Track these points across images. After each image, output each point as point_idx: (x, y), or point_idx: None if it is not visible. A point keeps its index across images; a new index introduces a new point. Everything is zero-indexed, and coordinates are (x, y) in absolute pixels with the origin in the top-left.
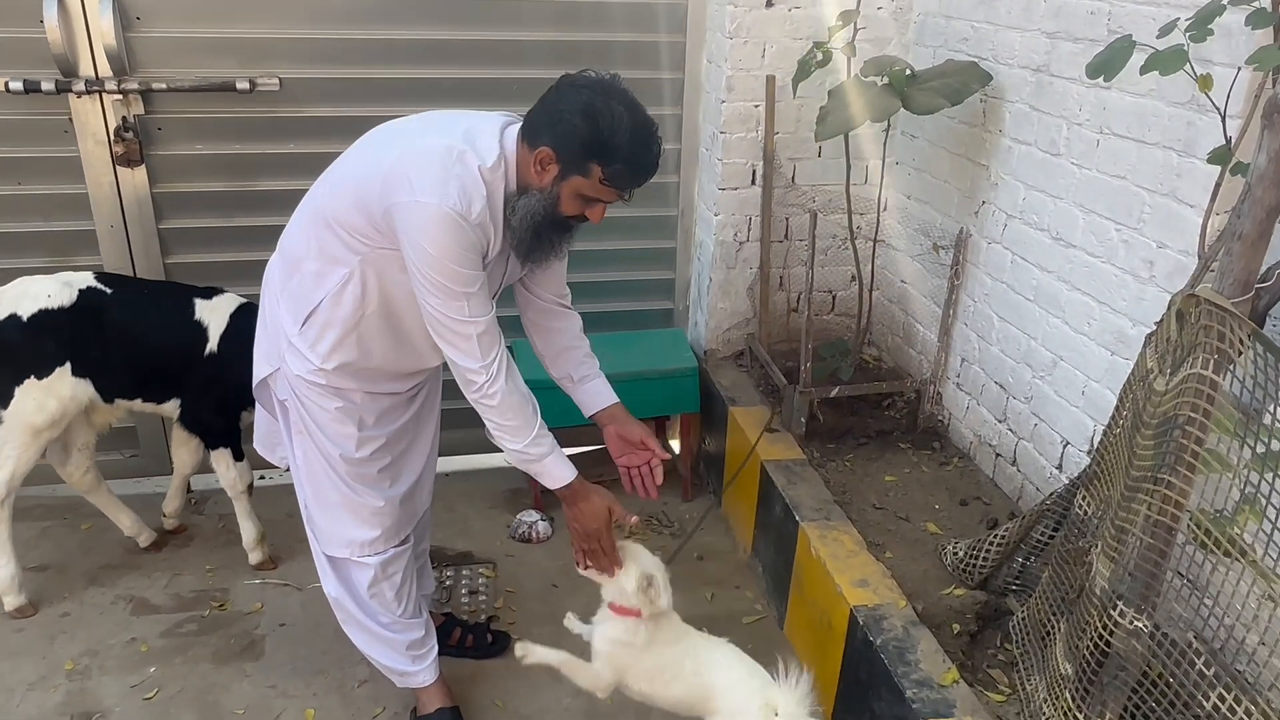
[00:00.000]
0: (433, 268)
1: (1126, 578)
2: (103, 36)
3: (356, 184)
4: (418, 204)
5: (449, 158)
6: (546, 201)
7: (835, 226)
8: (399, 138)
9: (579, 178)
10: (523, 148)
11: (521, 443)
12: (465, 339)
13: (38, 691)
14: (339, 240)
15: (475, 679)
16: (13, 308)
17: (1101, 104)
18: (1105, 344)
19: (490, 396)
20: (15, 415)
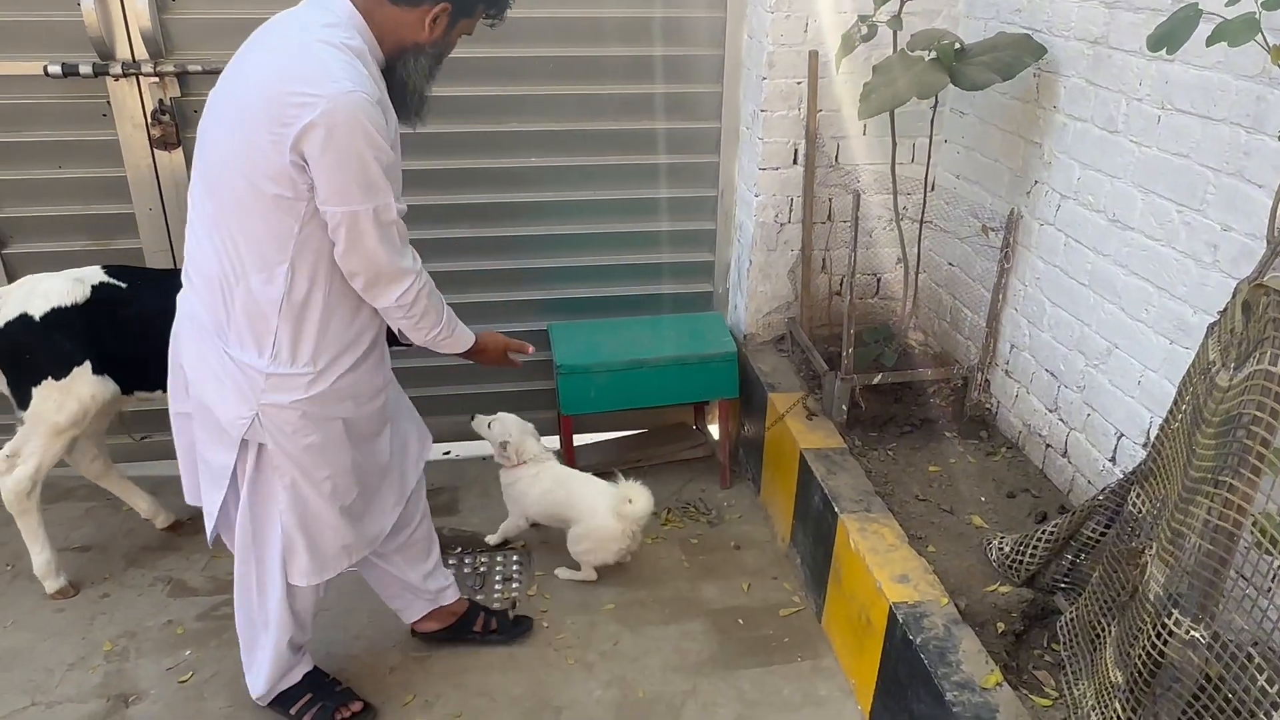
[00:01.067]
0: (356, 162)
1: (1183, 584)
2: (138, 19)
3: (237, 153)
4: (318, 105)
5: (314, 48)
6: (439, 53)
7: (880, 207)
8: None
9: (466, 19)
10: (393, 10)
11: (439, 325)
12: (393, 238)
13: (77, 672)
14: (266, 229)
15: (506, 668)
16: (22, 307)
17: (1164, 77)
18: (1164, 332)
19: (421, 290)
20: (36, 416)
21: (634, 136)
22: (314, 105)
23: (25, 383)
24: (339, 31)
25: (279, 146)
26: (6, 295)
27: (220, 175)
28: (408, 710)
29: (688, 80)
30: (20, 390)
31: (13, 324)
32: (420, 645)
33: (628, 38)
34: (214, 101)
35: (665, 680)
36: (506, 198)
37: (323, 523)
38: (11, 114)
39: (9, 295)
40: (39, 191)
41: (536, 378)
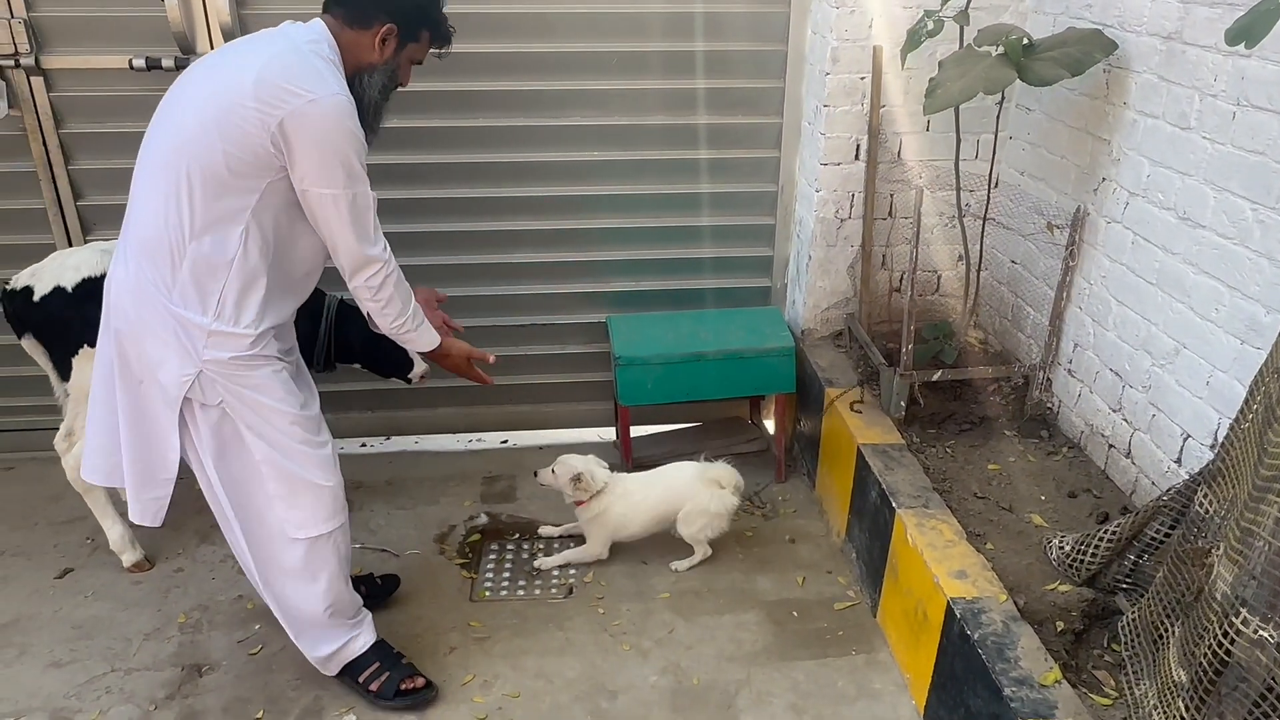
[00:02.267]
0: (343, 150)
1: (1251, 583)
2: (218, 14)
3: (219, 124)
4: (313, 102)
5: (307, 55)
6: (390, 72)
7: (942, 204)
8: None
9: (413, 45)
10: (350, 32)
11: (404, 316)
12: (368, 225)
13: (153, 641)
14: (227, 196)
15: (563, 651)
16: (55, 281)
17: (1240, 73)
18: (1234, 332)
19: (388, 277)
20: (79, 385)
21: (695, 131)
22: (306, 99)
23: (65, 353)
24: (322, 47)
25: (263, 126)
26: (40, 271)
27: (194, 145)
28: (467, 689)
29: (750, 75)
30: (61, 362)
31: (48, 297)
32: (480, 629)
33: (690, 33)
34: (187, 85)
35: (719, 669)
36: (567, 191)
37: (299, 461)
38: (98, 106)
39: (42, 271)
40: (123, 181)
41: (594, 369)
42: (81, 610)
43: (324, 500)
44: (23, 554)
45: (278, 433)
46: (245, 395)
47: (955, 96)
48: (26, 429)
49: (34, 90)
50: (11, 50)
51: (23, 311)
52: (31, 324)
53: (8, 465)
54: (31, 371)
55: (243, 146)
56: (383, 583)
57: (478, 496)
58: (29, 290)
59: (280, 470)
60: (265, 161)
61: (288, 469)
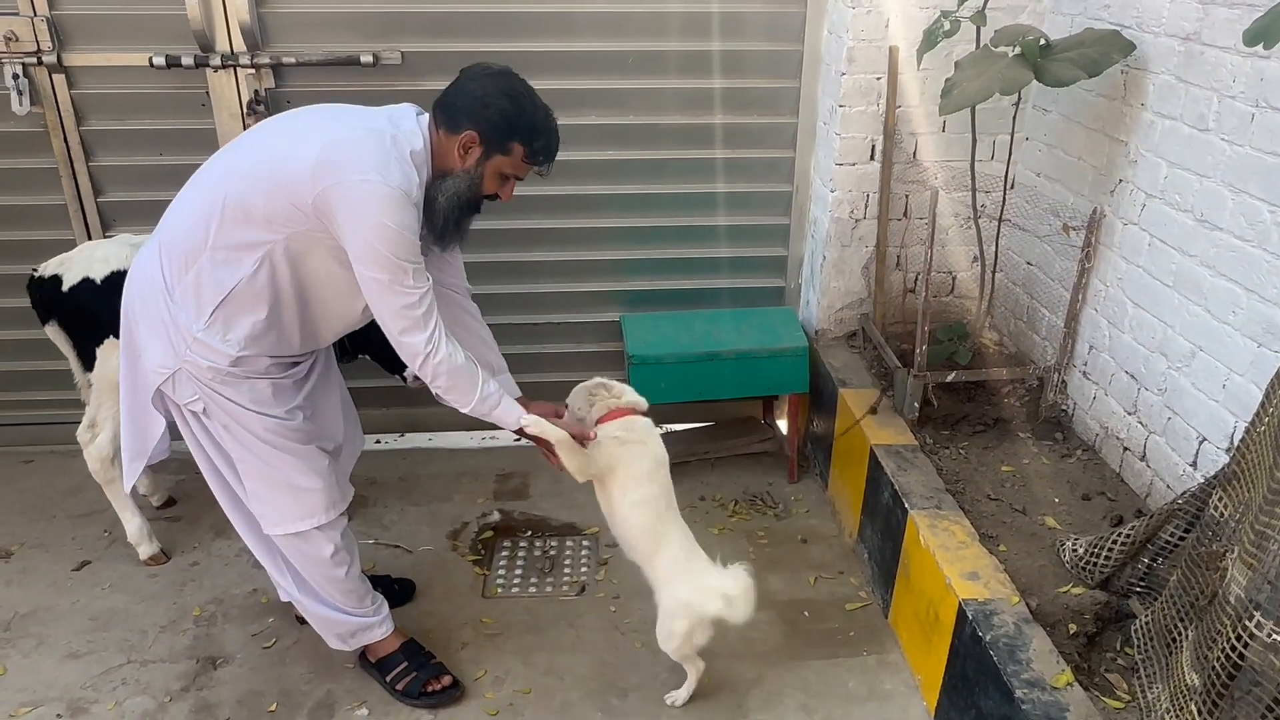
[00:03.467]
0: (386, 242)
1: (1266, 587)
2: (238, 13)
3: (273, 174)
4: (365, 183)
5: (384, 140)
6: (470, 181)
7: (958, 205)
8: (318, 125)
9: (501, 157)
10: (440, 135)
11: (470, 403)
12: (410, 313)
13: (168, 634)
14: (250, 228)
15: (575, 648)
16: (84, 272)
17: (1259, 74)
18: (1251, 335)
19: (437, 367)
20: (101, 376)
21: (710, 131)
22: (358, 179)
23: (90, 343)
24: (416, 139)
25: (312, 185)
26: (69, 261)
27: (247, 178)
28: (479, 684)
29: (766, 75)
30: (85, 351)
31: (77, 288)
32: (491, 625)
33: (707, 33)
34: (273, 124)
35: (730, 668)
36: (581, 190)
37: (275, 464)
38: (118, 103)
39: (71, 261)
40: (142, 177)
41: (607, 368)
42: (99, 602)
43: (303, 500)
44: (41, 546)
45: (252, 436)
46: (218, 400)
47: (971, 97)
48: (45, 423)
49: (56, 87)
50: (34, 48)
51: (50, 299)
52: (58, 312)
53: (27, 458)
54: (50, 366)
55: (282, 199)
56: (399, 588)
57: (491, 494)
58: (57, 279)
59: (254, 470)
60: (302, 212)
61: (262, 470)
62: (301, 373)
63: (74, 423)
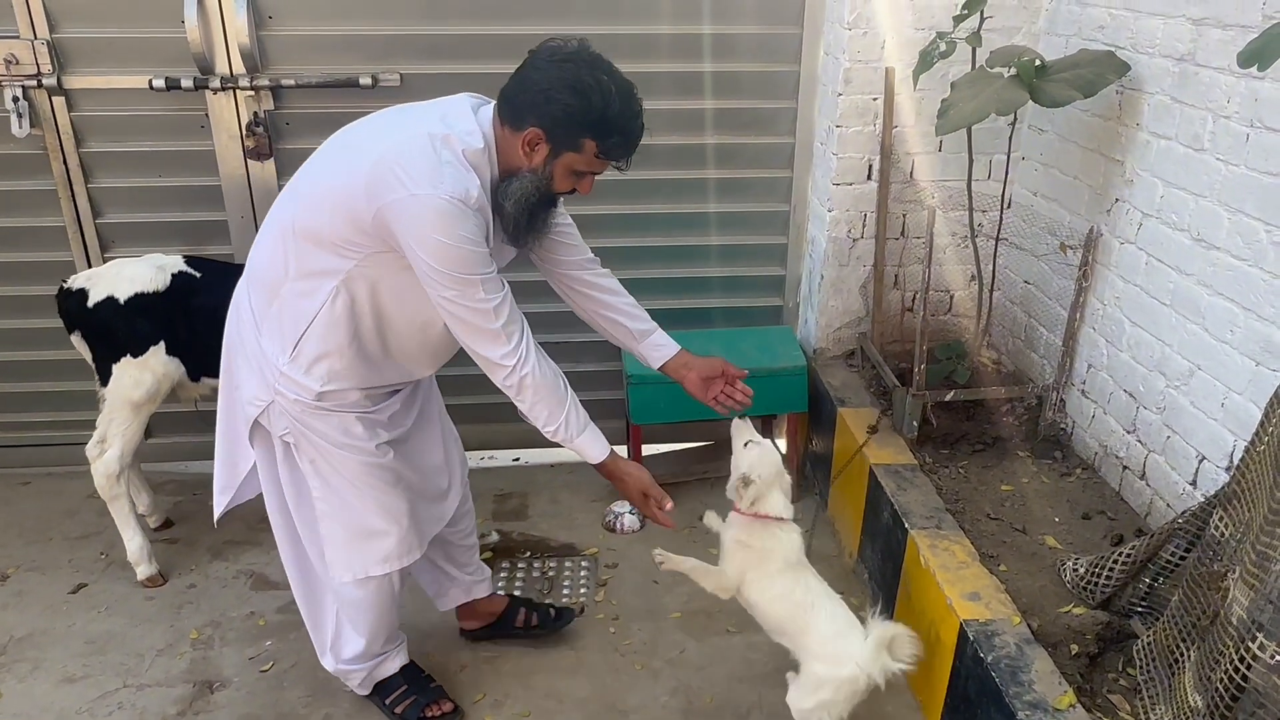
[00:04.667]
0: (443, 258)
1: (1268, 608)
2: (238, 35)
3: (333, 192)
4: (414, 198)
5: (433, 145)
6: (539, 182)
7: (955, 224)
8: (370, 138)
9: (571, 154)
10: (504, 130)
11: (555, 423)
12: (486, 326)
13: (165, 657)
14: (322, 254)
15: (574, 671)
16: (110, 290)
17: (1253, 95)
18: (1250, 353)
19: (521, 381)
20: (115, 392)
21: (708, 151)
22: (408, 193)
23: (108, 358)
24: (473, 138)
25: (369, 204)
26: (97, 277)
27: (310, 204)
28: (478, 708)
29: (763, 96)
30: (103, 366)
31: (102, 304)
32: (489, 646)
33: (703, 53)
34: (339, 139)
35: (731, 689)
36: (579, 210)
37: (357, 505)
38: (118, 125)
39: (100, 277)
40: (140, 199)
41: (607, 388)
42: (95, 625)
43: (377, 545)
44: (37, 569)
45: (336, 473)
46: (307, 434)
47: (968, 117)
48: (43, 444)
49: (55, 110)
50: (34, 70)
51: (75, 312)
52: (81, 325)
53: (24, 480)
54: (48, 388)
55: (344, 217)
56: (557, 615)
57: (489, 514)
58: (84, 293)
59: (334, 511)
60: (365, 233)
61: (340, 510)
62: (395, 406)
63: (71, 444)
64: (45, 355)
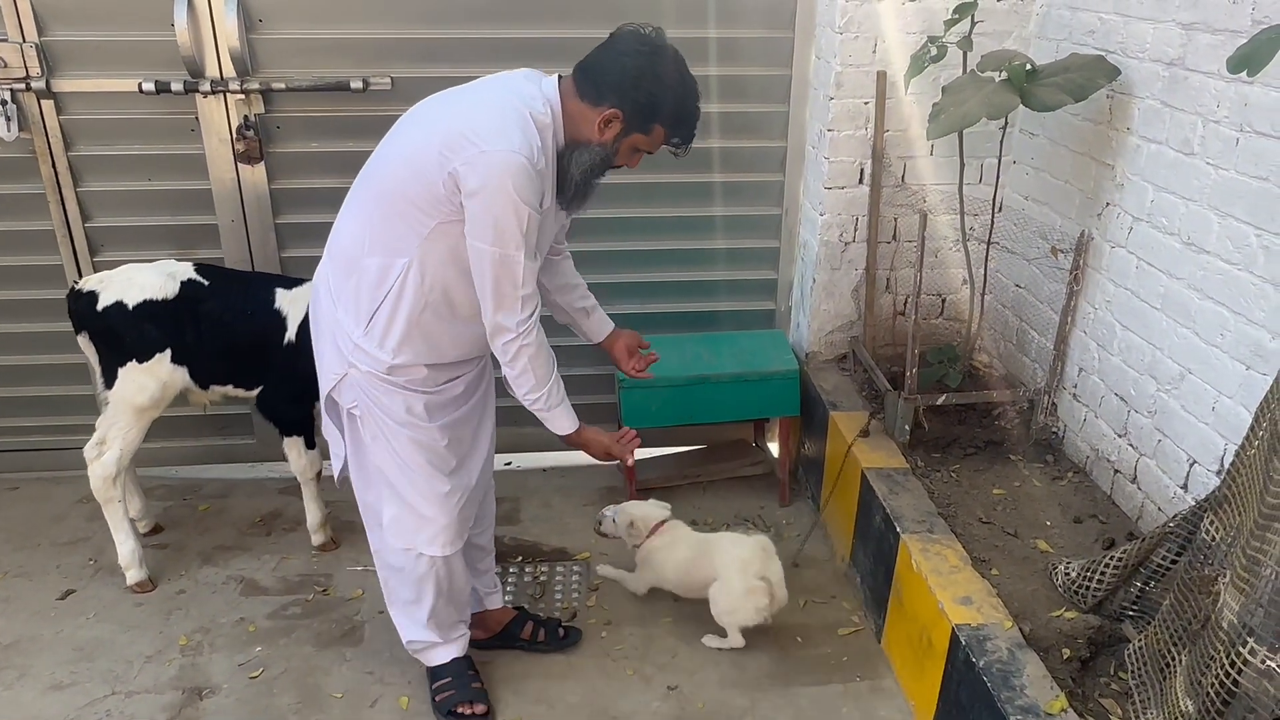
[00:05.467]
0: (507, 212)
1: (1259, 612)
2: (228, 38)
3: (408, 159)
4: (484, 154)
5: (506, 108)
6: (606, 156)
7: (946, 228)
8: (439, 110)
9: (640, 135)
10: (579, 103)
11: (539, 393)
12: (513, 290)
13: (154, 664)
14: (398, 225)
15: (565, 676)
16: (119, 295)
17: (1243, 100)
18: (1240, 357)
19: (521, 349)
20: (119, 396)
21: (699, 155)
22: (479, 150)
23: (113, 363)
24: (537, 103)
25: (440, 167)
26: (108, 282)
27: (383, 174)
28: None
29: (754, 100)
30: (109, 369)
31: (110, 309)
32: (480, 652)
33: (696, 57)
34: (410, 115)
35: (723, 695)
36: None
37: (409, 483)
38: (107, 128)
39: (110, 281)
40: (130, 202)
41: (599, 391)
42: (83, 632)
43: (425, 529)
44: (25, 575)
45: (394, 452)
46: (373, 409)
47: (958, 121)
48: (32, 449)
49: (44, 113)
50: (23, 74)
51: (84, 314)
52: (89, 327)
53: (12, 485)
54: (36, 392)
55: (420, 182)
56: (565, 634)
57: None
58: (94, 295)
59: (389, 482)
60: (436, 201)
61: (396, 485)
62: (458, 389)
63: (60, 449)
64: (35, 360)
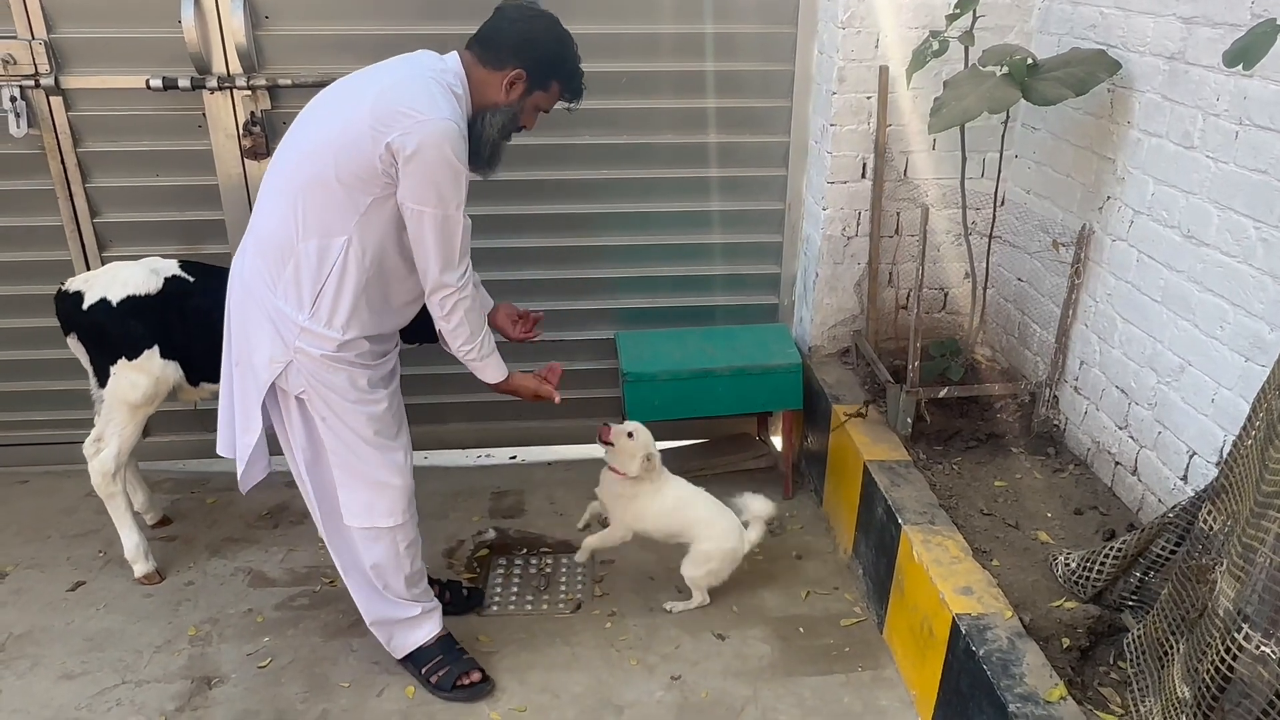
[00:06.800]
0: (445, 175)
1: (1254, 599)
2: (234, 35)
3: (335, 142)
4: (422, 122)
5: (430, 81)
6: (513, 115)
7: (948, 222)
8: (360, 88)
9: (540, 93)
10: (482, 70)
11: (472, 344)
12: (450, 245)
13: (163, 654)
14: (334, 206)
15: (570, 666)
16: (103, 293)
17: (1242, 93)
18: (1239, 349)
19: (458, 304)
20: (112, 394)
21: (702, 150)
22: (415, 119)
23: (104, 361)
24: (448, 76)
25: (376, 142)
26: (93, 280)
27: (313, 157)
28: (480, 702)
29: (758, 95)
30: (100, 368)
31: (95, 307)
32: (485, 642)
33: (699, 53)
34: (318, 102)
35: (726, 685)
36: (576, 209)
37: (366, 458)
38: (115, 125)
39: (94, 280)
40: (137, 198)
41: (603, 385)
42: (93, 623)
43: (386, 497)
44: (36, 566)
45: (346, 428)
46: (323, 390)
47: (960, 115)
48: (41, 443)
49: (53, 110)
50: (32, 71)
51: (71, 314)
52: (76, 327)
53: (22, 478)
54: (45, 387)
55: (354, 160)
56: (468, 595)
57: (486, 511)
58: (80, 295)
59: (345, 462)
60: (372, 176)
61: (352, 463)
62: (392, 361)
63: (69, 443)
64: (43, 354)
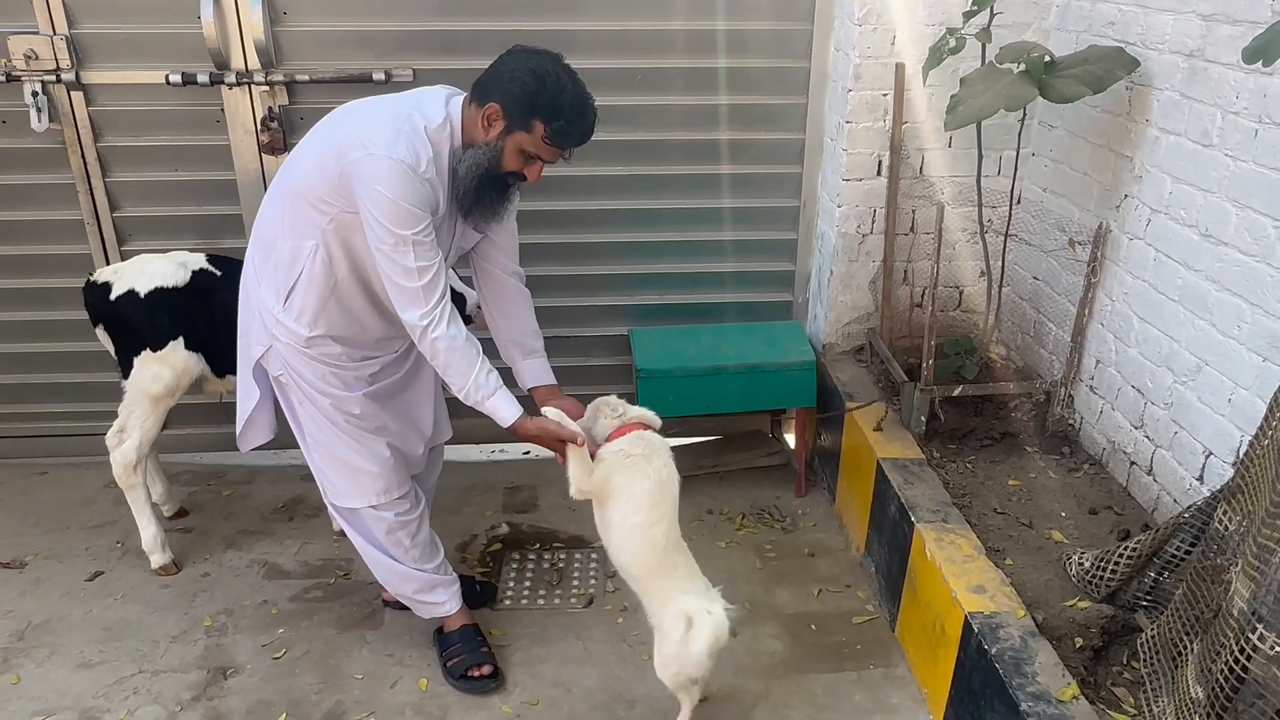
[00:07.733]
0: (382, 211)
1: (1268, 599)
2: (253, 31)
3: (313, 157)
4: (370, 156)
5: (398, 119)
6: (491, 154)
7: (964, 219)
8: (349, 115)
9: (522, 133)
10: (470, 109)
11: (464, 387)
12: (408, 285)
13: (179, 644)
14: (305, 213)
15: (582, 660)
16: (131, 284)
17: (1261, 91)
18: (1257, 349)
19: (434, 344)
20: (135, 385)
21: (718, 146)
22: (365, 153)
23: (128, 352)
24: (436, 117)
25: (336, 165)
26: (121, 271)
27: (296, 171)
28: (486, 696)
29: (773, 92)
30: (124, 359)
31: (122, 298)
32: (497, 635)
33: (715, 50)
34: (326, 119)
35: (737, 681)
36: (590, 205)
37: (337, 441)
38: (135, 120)
39: (123, 272)
40: (156, 193)
41: (616, 381)
42: (111, 612)
43: (359, 480)
44: (54, 556)
45: (318, 413)
46: (294, 376)
47: (977, 113)
48: (60, 435)
49: (74, 104)
50: (53, 66)
51: (98, 305)
52: (103, 317)
53: (41, 470)
54: (64, 379)
55: (320, 178)
56: (481, 590)
57: (499, 506)
58: (108, 286)
59: (317, 443)
60: (331, 195)
61: (324, 445)
62: (375, 368)
63: (87, 435)
64: (63, 347)
